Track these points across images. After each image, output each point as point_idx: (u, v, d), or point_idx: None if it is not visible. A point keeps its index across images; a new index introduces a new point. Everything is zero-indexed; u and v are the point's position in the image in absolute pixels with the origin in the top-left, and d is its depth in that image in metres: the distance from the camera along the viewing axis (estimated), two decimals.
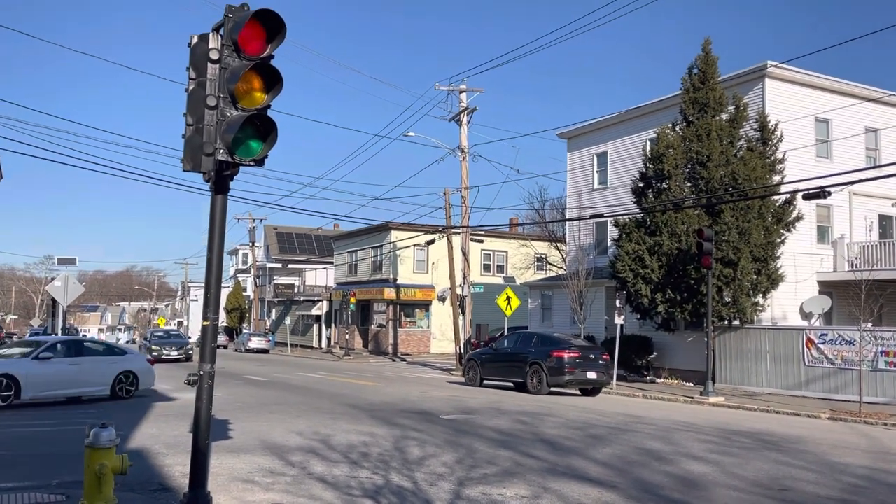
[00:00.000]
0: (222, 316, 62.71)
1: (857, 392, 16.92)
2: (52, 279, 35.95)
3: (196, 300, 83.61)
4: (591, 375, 20.09)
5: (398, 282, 45.44)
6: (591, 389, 20.64)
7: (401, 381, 24.85)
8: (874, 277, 17.88)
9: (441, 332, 45.30)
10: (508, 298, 28.52)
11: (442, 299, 45.66)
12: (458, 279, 32.41)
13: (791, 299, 23.30)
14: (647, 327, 24.58)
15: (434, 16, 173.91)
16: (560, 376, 19.88)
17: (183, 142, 5.26)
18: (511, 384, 21.85)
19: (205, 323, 5.36)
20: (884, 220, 25.57)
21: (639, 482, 8.80)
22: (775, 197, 21.25)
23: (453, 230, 32.78)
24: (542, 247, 47.18)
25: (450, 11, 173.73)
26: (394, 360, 40.14)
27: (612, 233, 26.41)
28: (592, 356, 20.45)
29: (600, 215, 25.15)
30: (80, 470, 6.28)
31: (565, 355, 19.99)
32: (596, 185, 30.26)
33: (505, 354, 22.17)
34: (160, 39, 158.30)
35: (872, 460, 10.69)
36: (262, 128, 5.27)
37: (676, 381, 23.86)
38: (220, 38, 5.18)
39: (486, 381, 22.80)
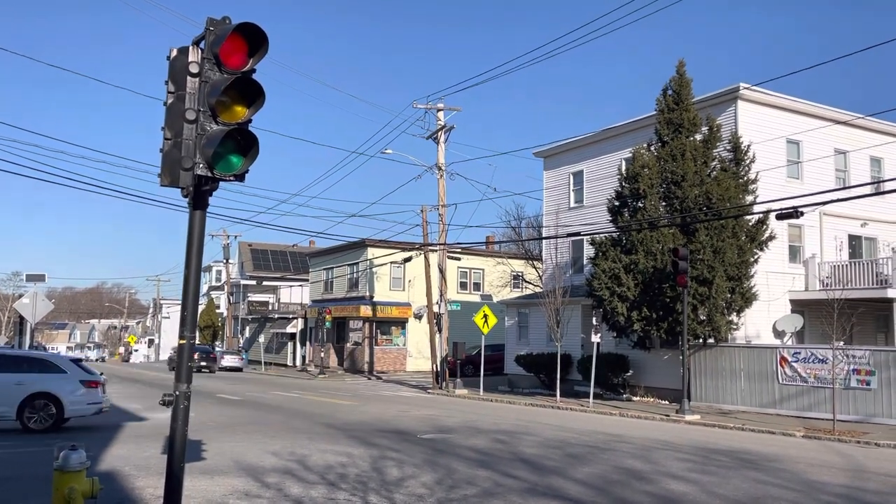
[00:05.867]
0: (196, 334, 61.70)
1: (830, 410, 17.10)
2: (20, 296, 35.17)
3: (168, 317, 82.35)
4: None
5: (374, 299, 45.18)
6: None
7: (377, 400, 24.60)
8: (845, 296, 18.11)
9: (417, 349, 45.06)
10: (486, 316, 28.47)
11: (418, 317, 45.48)
12: (435, 297, 32.32)
13: (764, 318, 23.54)
14: (623, 345, 24.64)
15: (413, 34, 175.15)
16: None
17: (161, 156, 5.14)
18: None
19: (181, 341, 5.22)
20: (853, 240, 25.98)
21: (620, 502, 8.75)
22: (748, 217, 21.52)
23: (430, 248, 32.73)
24: (518, 265, 47.29)
25: (427, 30, 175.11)
26: (370, 379, 39.79)
27: (589, 251, 26.51)
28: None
29: (577, 234, 25.25)
30: (47, 493, 6.07)
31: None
32: (572, 204, 30.44)
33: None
34: (141, 54, 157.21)
35: (849, 479, 10.77)
36: (243, 142, 5.17)
37: (652, 399, 23.91)
38: (200, 51, 5.08)
39: None
